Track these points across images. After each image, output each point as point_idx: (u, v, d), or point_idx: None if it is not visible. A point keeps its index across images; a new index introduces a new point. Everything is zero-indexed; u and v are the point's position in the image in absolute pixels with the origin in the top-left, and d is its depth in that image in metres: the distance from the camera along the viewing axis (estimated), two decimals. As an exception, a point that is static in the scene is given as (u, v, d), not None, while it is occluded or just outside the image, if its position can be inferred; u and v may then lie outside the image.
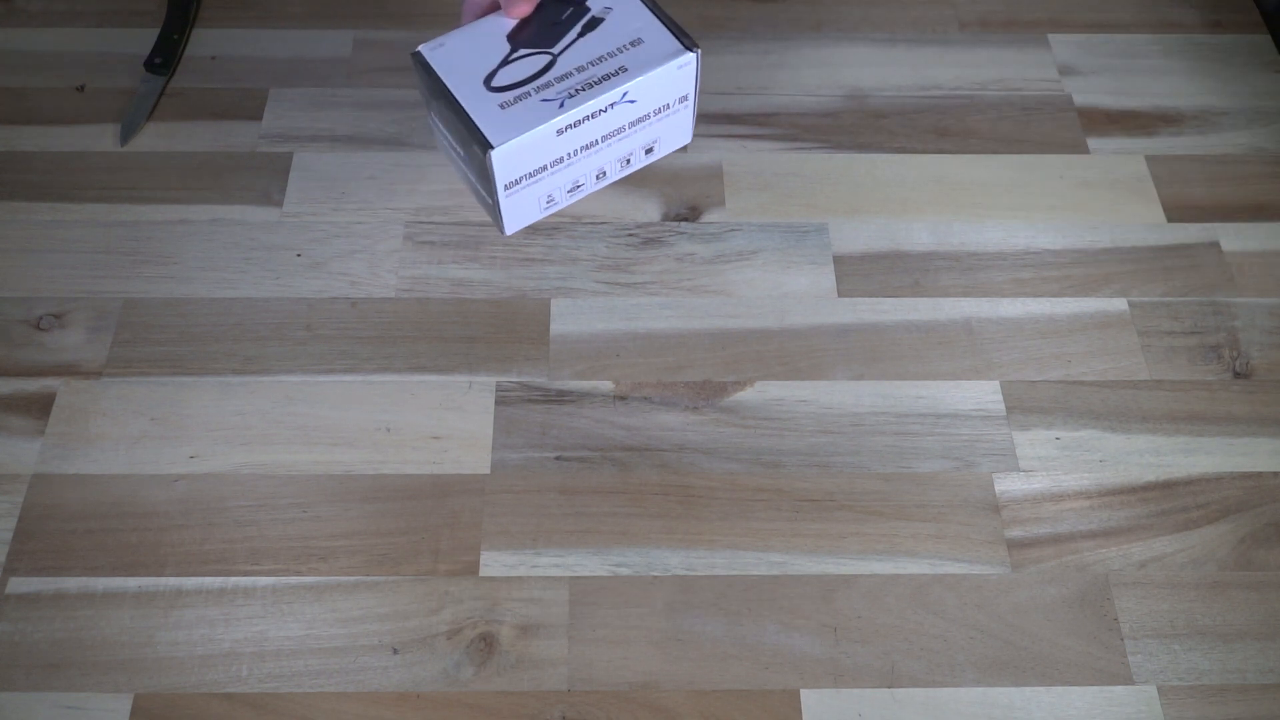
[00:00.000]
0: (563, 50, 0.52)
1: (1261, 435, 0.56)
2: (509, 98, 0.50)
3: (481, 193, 0.54)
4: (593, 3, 0.53)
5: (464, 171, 0.55)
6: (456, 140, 0.52)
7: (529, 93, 0.50)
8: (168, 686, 0.48)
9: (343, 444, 0.55)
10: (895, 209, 0.64)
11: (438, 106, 0.52)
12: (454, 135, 0.52)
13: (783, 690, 0.49)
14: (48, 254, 0.61)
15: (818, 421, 0.56)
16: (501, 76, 0.51)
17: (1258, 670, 0.50)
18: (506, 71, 0.51)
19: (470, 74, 0.51)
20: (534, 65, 0.51)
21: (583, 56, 0.51)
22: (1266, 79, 0.71)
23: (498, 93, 0.50)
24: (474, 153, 0.50)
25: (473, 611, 0.51)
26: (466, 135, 0.50)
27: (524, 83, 0.51)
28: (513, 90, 0.50)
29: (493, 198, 0.52)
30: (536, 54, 0.51)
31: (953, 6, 0.75)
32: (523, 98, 0.50)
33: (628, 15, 0.53)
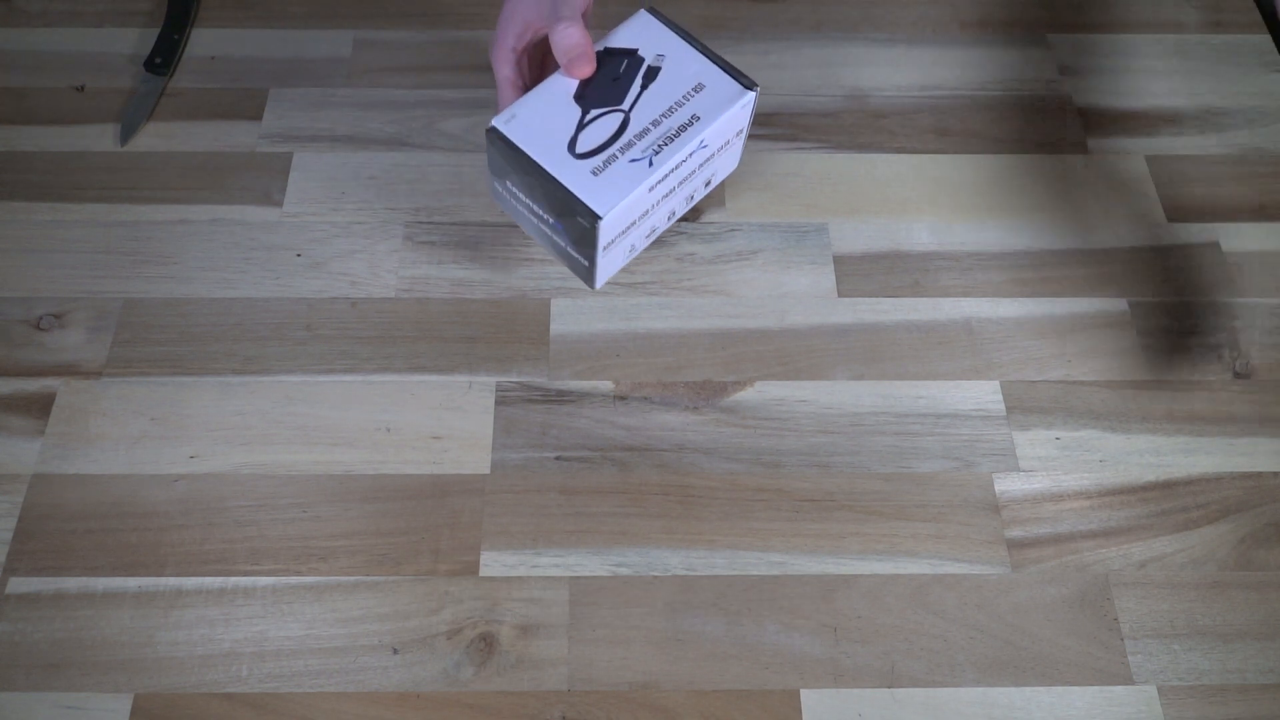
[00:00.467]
0: (632, 105, 0.52)
1: (1261, 435, 0.56)
2: (598, 163, 0.51)
3: (573, 255, 0.54)
4: (645, 52, 0.54)
5: (547, 236, 0.55)
6: (546, 210, 0.52)
7: (615, 155, 0.51)
8: (168, 686, 0.48)
9: (343, 444, 0.55)
10: (895, 209, 0.64)
11: (518, 179, 0.52)
12: (542, 205, 0.52)
13: (783, 690, 0.49)
14: (48, 254, 0.61)
15: (818, 421, 0.56)
16: (583, 142, 0.51)
17: (1258, 670, 0.50)
18: (586, 136, 0.51)
19: (552, 143, 0.51)
20: (610, 125, 0.52)
21: (654, 109, 0.52)
22: (1266, 79, 0.71)
23: (585, 159, 0.51)
24: (574, 222, 0.51)
25: (473, 611, 0.51)
26: (562, 206, 0.50)
27: (607, 145, 0.51)
28: (599, 155, 0.51)
29: (590, 259, 0.53)
30: (609, 113, 0.52)
31: (953, 6, 0.75)
32: (610, 160, 0.51)
33: (682, 61, 0.54)
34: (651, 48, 0.54)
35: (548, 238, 0.55)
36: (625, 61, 0.53)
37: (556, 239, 0.54)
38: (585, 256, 0.53)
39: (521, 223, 0.56)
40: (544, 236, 0.55)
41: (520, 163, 0.50)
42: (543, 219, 0.53)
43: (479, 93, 0.69)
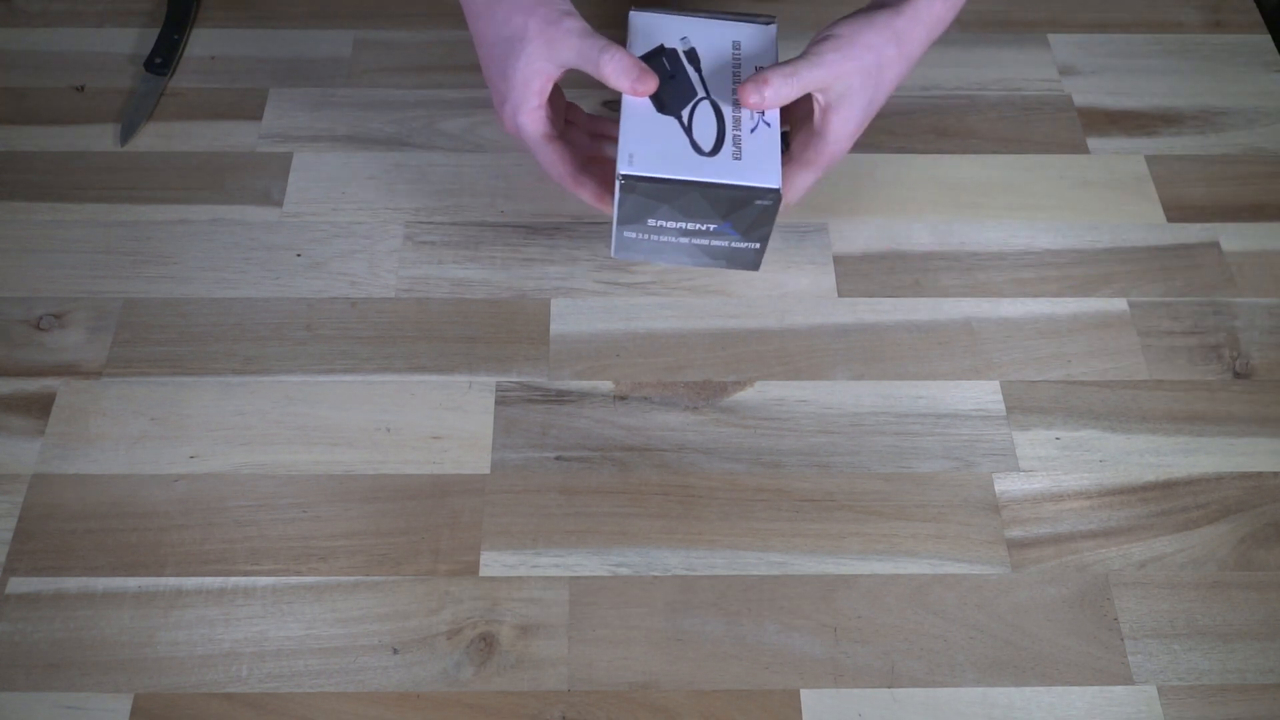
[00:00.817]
0: (706, 90, 0.53)
1: (1261, 435, 0.56)
2: (731, 149, 0.51)
3: (740, 248, 0.54)
4: (670, 43, 0.54)
5: (704, 248, 0.55)
6: (712, 218, 0.52)
7: (736, 135, 0.51)
8: (168, 686, 0.48)
9: (343, 444, 0.55)
10: (895, 209, 0.64)
11: (669, 209, 0.51)
12: (704, 217, 0.52)
13: (783, 690, 0.49)
14: (48, 254, 0.61)
15: (818, 421, 0.56)
16: (703, 140, 0.51)
17: (1258, 670, 0.50)
18: (700, 135, 0.51)
19: (683, 157, 0.50)
20: (708, 114, 0.52)
21: (724, 83, 0.53)
22: (1266, 79, 0.71)
23: (718, 153, 0.51)
24: (749, 210, 0.51)
25: (473, 611, 0.51)
26: (730, 203, 0.50)
27: (721, 131, 0.51)
28: (724, 142, 0.51)
29: (763, 240, 0.53)
30: (697, 104, 0.52)
31: (953, 6, 0.75)
32: (737, 141, 0.51)
33: (705, 33, 0.55)
34: (670, 36, 0.54)
35: (703, 249, 0.55)
36: (665, 59, 0.54)
37: (718, 243, 0.54)
38: (759, 238, 0.53)
39: (661, 255, 0.56)
40: (698, 251, 0.55)
41: (670, 191, 0.50)
42: (702, 231, 0.53)
43: (479, 93, 0.69)
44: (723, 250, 0.54)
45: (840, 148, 0.52)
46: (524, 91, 0.51)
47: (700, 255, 0.55)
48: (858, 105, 0.51)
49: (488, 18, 0.52)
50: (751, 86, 0.50)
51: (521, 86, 0.51)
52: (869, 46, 0.50)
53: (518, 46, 0.50)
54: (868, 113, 0.52)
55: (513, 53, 0.51)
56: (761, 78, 0.50)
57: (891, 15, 0.51)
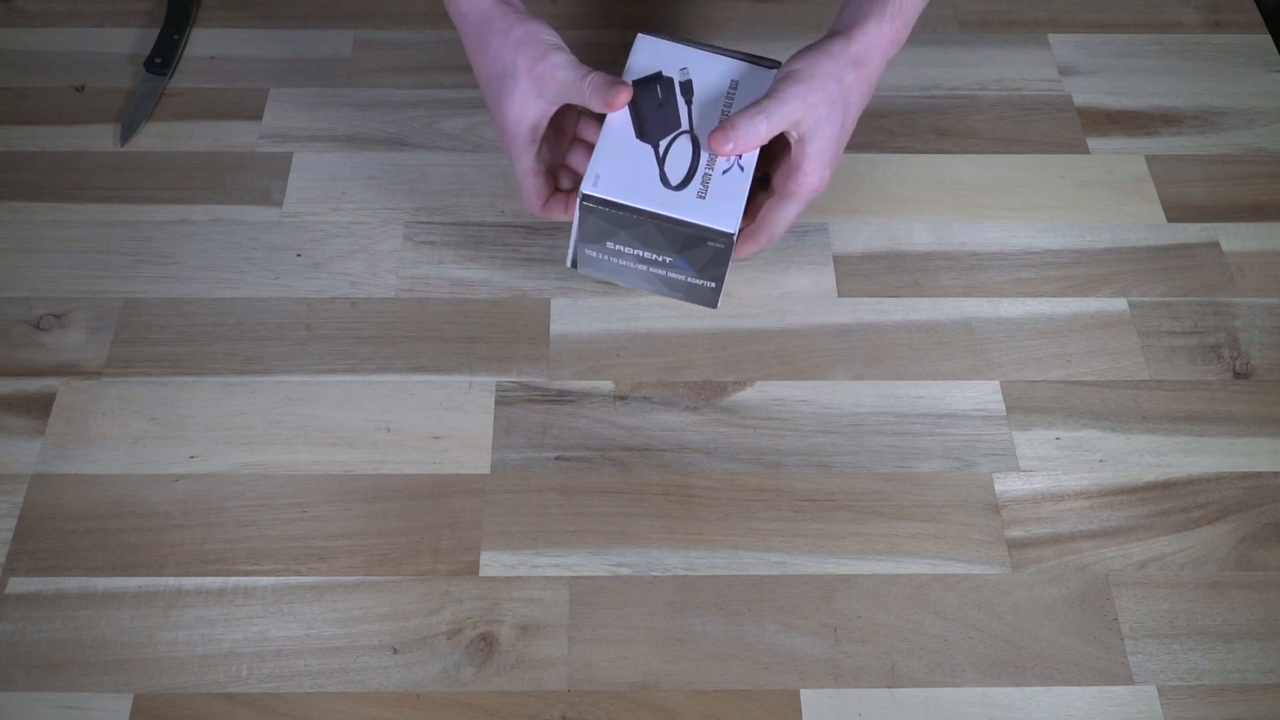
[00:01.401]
0: (691, 123, 0.53)
1: (1261, 435, 0.56)
2: (698, 187, 0.51)
3: (695, 283, 0.54)
4: (669, 71, 0.54)
5: (661, 277, 0.55)
6: (667, 251, 0.52)
7: (707, 173, 0.52)
8: (168, 686, 0.48)
9: (343, 444, 0.55)
10: (895, 209, 0.64)
11: (626, 234, 0.52)
12: (659, 249, 0.52)
13: (783, 690, 0.49)
14: (48, 254, 0.61)
15: (818, 421, 0.56)
16: (673, 173, 0.51)
17: (1258, 670, 0.50)
18: (671, 167, 0.52)
19: (648, 186, 0.51)
20: (685, 148, 0.52)
21: (711, 119, 0.53)
22: (1266, 79, 0.71)
23: (684, 188, 0.51)
24: (703, 250, 0.51)
25: (473, 611, 0.51)
26: (686, 240, 0.51)
27: (694, 167, 0.52)
28: (694, 179, 0.51)
29: (718, 279, 0.54)
30: (677, 137, 0.52)
31: (952, 6, 0.75)
32: (706, 180, 0.51)
33: (705, 67, 0.55)
34: (671, 65, 0.55)
35: (661, 279, 0.55)
36: (659, 87, 0.54)
37: (675, 275, 0.54)
38: (713, 279, 0.54)
39: (622, 277, 0.56)
40: (656, 280, 0.55)
41: (627, 218, 0.51)
42: (659, 262, 0.53)
43: (479, 93, 0.68)
44: (680, 283, 0.55)
45: (819, 177, 0.53)
46: (515, 128, 0.53)
47: (659, 284, 0.56)
48: (829, 134, 0.52)
49: (480, 54, 0.54)
50: (720, 134, 0.51)
51: (514, 123, 0.53)
52: (829, 75, 0.51)
53: (509, 84, 0.52)
54: (841, 139, 0.53)
55: (505, 89, 0.52)
56: (729, 123, 0.50)
57: (845, 43, 0.52)
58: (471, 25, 0.54)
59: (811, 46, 0.53)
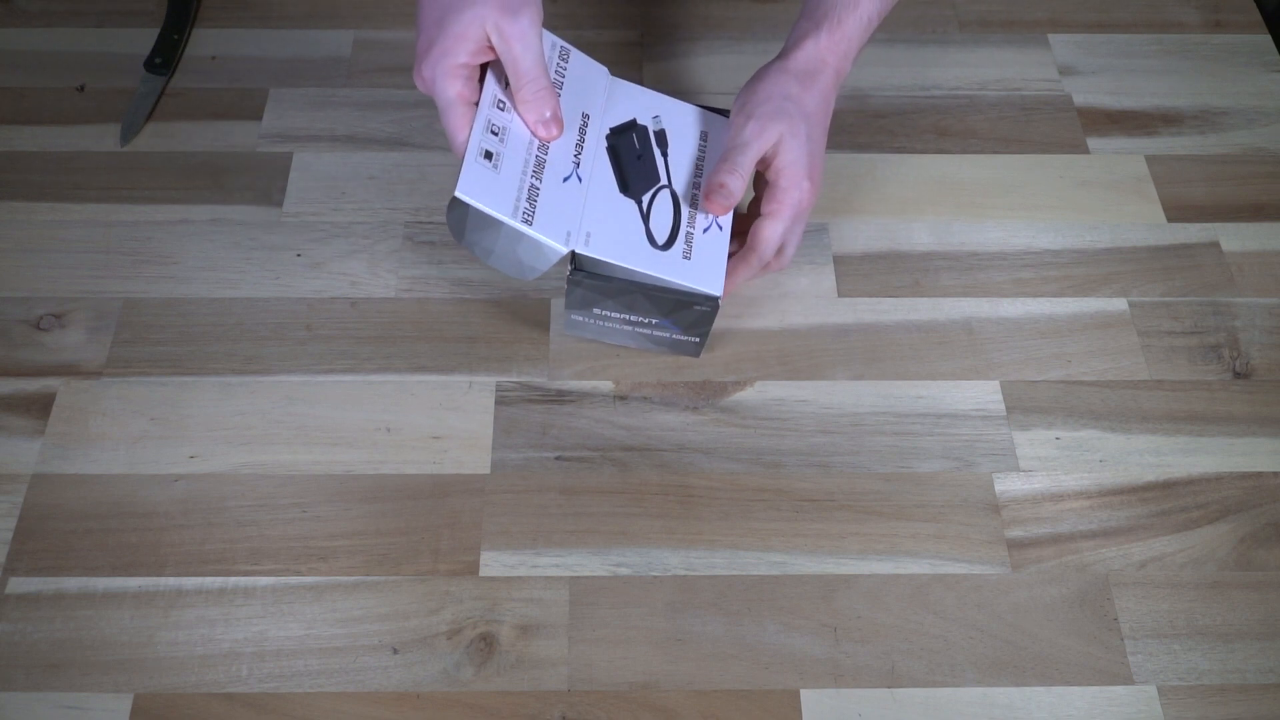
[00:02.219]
0: (669, 177, 0.54)
1: (1261, 435, 0.56)
2: (682, 246, 0.52)
3: (681, 339, 0.56)
4: (642, 119, 0.55)
5: (646, 336, 0.56)
6: (653, 314, 0.53)
7: (689, 232, 0.52)
8: (168, 686, 0.48)
9: (343, 444, 0.55)
10: (895, 209, 0.64)
11: (613, 302, 0.52)
12: (645, 312, 0.53)
13: (783, 690, 0.49)
14: (48, 254, 0.61)
15: (818, 421, 0.56)
16: (658, 231, 0.52)
17: (1258, 670, 0.50)
18: (656, 226, 0.52)
19: (636, 247, 0.51)
20: (666, 205, 0.53)
21: (685, 172, 0.54)
22: (1266, 79, 0.71)
23: (669, 248, 0.52)
24: (689, 312, 0.52)
25: (473, 611, 0.51)
26: (673, 304, 0.52)
27: (676, 226, 0.52)
28: (677, 238, 0.52)
29: (703, 336, 0.55)
30: (658, 192, 0.53)
31: (952, 6, 0.75)
32: (689, 239, 0.52)
33: (675, 116, 0.56)
34: (643, 112, 0.55)
35: (647, 337, 0.56)
36: (634, 136, 0.54)
37: (660, 334, 0.55)
38: (698, 335, 0.55)
39: (608, 337, 0.57)
40: (642, 338, 0.56)
41: (614, 289, 0.51)
42: (645, 323, 0.54)
43: (479, 93, 0.69)
44: (665, 340, 0.56)
45: (798, 190, 0.53)
46: (456, 43, 0.48)
47: (644, 341, 0.57)
48: (796, 147, 0.53)
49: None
50: (715, 199, 0.52)
51: (456, 38, 0.48)
52: (775, 96, 0.53)
53: (473, 5, 0.48)
54: (811, 149, 0.54)
55: (464, 7, 0.48)
56: (717, 185, 0.52)
57: (783, 63, 0.55)
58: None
59: (754, 77, 0.55)
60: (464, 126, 0.50)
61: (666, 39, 0.72)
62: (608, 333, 0.56)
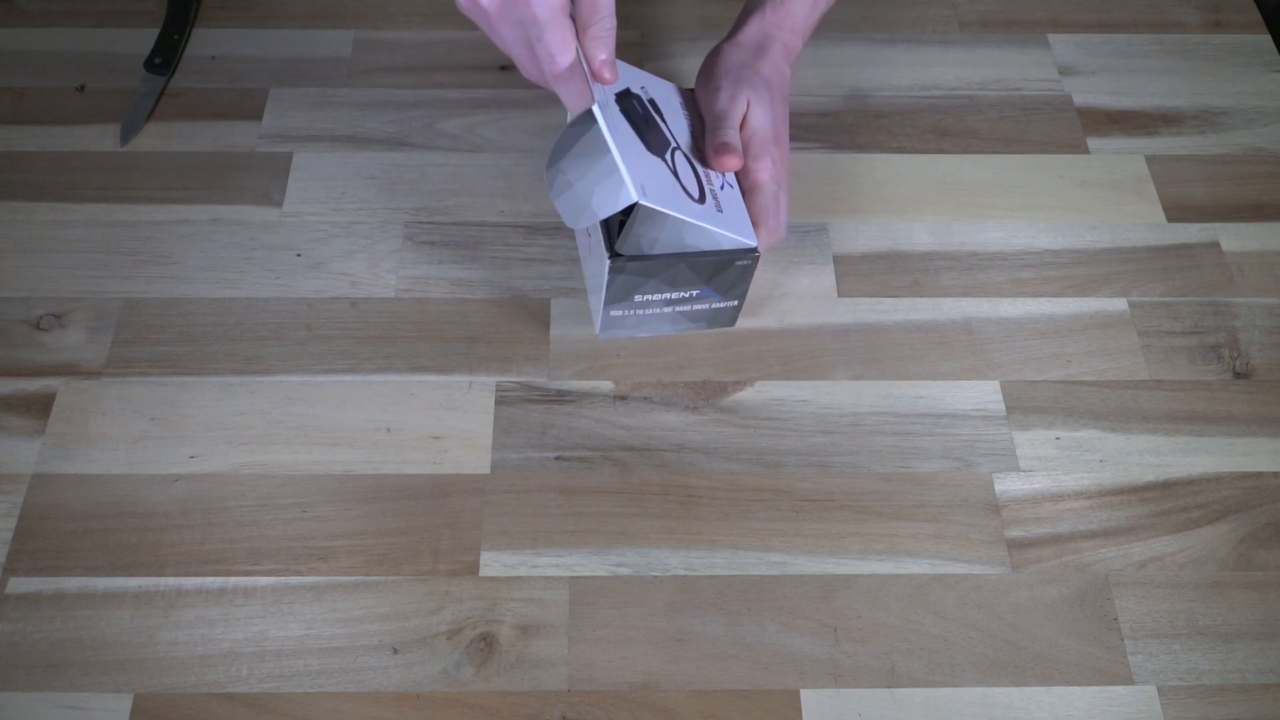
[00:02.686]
0: (675, 140, 0.54)
1: (1261, 435, 0.56)
2: (713, 202, 0.52)
3: (718, 307, 0.56)
4: (633, 88, 0.55)
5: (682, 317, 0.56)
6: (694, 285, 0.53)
7: (713, 189, 0.53)
8: (168, 686, 0.48)
9: (343, 444, 0.55)
10: (895, 209, 0.64)
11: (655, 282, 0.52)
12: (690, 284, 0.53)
13: (783, 690, 0.49)
14: (48, 254, 0.61)
15: (818, 421, 0.56)
16: (689, 187, 0.52)
17: (1258, 670, 0.50)
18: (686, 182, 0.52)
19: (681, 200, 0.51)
20: (684, 164, 0.53)
21: (684, 138, 0.54)
22: (1266, 79, 0.71)
23: (704, 203, 0.52)
24: (730, 271, 0.53)
25: (473, 611, 0.51)
26: (714, 268, 0.52)
27: (701, 183, 0.52)
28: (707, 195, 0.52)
29: (741, 298, 0.55)
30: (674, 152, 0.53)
31: (953, 6, 0.75)
32: (714, 196, 0.52)
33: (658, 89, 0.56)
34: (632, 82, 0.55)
35: (686, 314, 0.56)
36: (635, 103, 0.54)
37: (700, 306, 0.55)
38: (738, 298, 0.55)
39: (645, 328, 0.57)
40: (681, 318, 0.56)
41: (657, 266, 0.51)
42: (687, 298, 0.54)
43: (479, 93, 0.69)
44: (704, 313, 0.56)
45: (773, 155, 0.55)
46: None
47: (682, 321, 0.57)
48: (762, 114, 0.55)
49: None
50: (724, 156, 0.53)
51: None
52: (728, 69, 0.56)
53: None
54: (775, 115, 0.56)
55: None
56: (721, 144, 0.53)
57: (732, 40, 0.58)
58: None
59: (708, 56, 0.59)
60: (570, 41, 0.47)
61: (666, 39, 0.72)
62: (647, 322, 0.56)
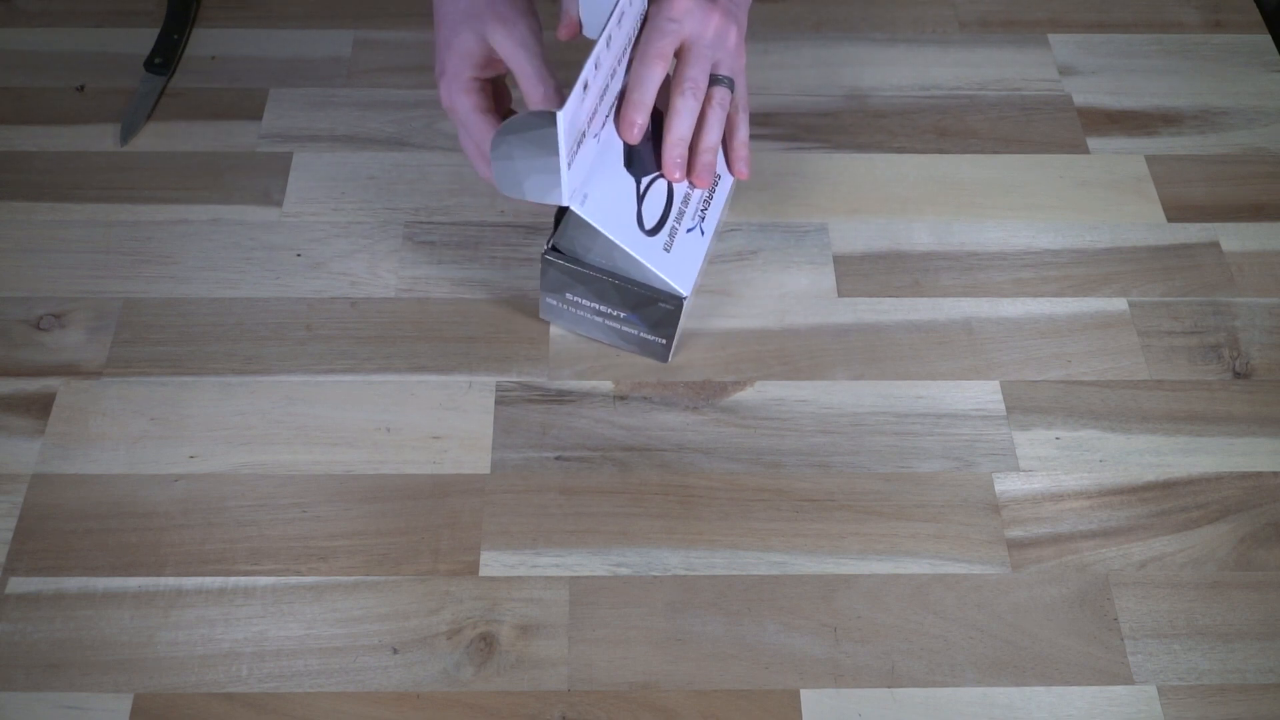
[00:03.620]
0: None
1: (1261, 435, 0.56)
2: (665, 240, 0.52)
3: (647, 339, 0.56)
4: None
5: (615, 330, 0.56)
6: (618, 308, 0.54)
7: (675, 226, 0.52)
8: (168, 686, 0.48)
9: (343, 444, 0.55)
10: (895, 209, 0.64)
11: (582, 289, 0.53)
12: (615, 304, 0.53)
13: (783, 690, 0.49)
14: (48, 254, 0.61)
15: (818, 421, 0.56)
16: (648, 217, 0.52)
17: (1258, 670, 0.50)
18: (647, 211, 0.52)
19: (625, 224, 0.51)
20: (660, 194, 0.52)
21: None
22: (1266, 79, 0.71)
23: (654, 236, 0.51)
24: (652, 310, 0.53)
25: (473, 611, 0.51)
26: (638, 300, 0.52)
27: (665, 216, 0.52)
28: (663, 230, 0.52)
29: (669, 338, 0.55)
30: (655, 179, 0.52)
31: (953, 6, 0.75)
32: (673, 234, 0.52)
33: None
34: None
35: (616, 331, 0.56)
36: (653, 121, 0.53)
37: (628, 330, 0.55)
38: (664, 336, 0.55)
39: (581, 327, 0.57)
40: (612, 332, 0.56)
41: (584, 276, 0.52)
42: (613, 315, 0.55)
43: (479, 93, 0.69)
44: (633, 337, 0.56)
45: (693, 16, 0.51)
46: (463, 61, 0.51)
47: (615, 336, 0.57)
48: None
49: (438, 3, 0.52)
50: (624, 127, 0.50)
51: (462, 57, 0.51)
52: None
53: (461, 20, 0.51)
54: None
55: (464, 26, 0.51)
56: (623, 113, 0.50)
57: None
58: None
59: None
60: (487, 135, 0.51)
61: (666, 39, 0.72)
62: (581, 322, 0.56)
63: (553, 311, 0.57)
